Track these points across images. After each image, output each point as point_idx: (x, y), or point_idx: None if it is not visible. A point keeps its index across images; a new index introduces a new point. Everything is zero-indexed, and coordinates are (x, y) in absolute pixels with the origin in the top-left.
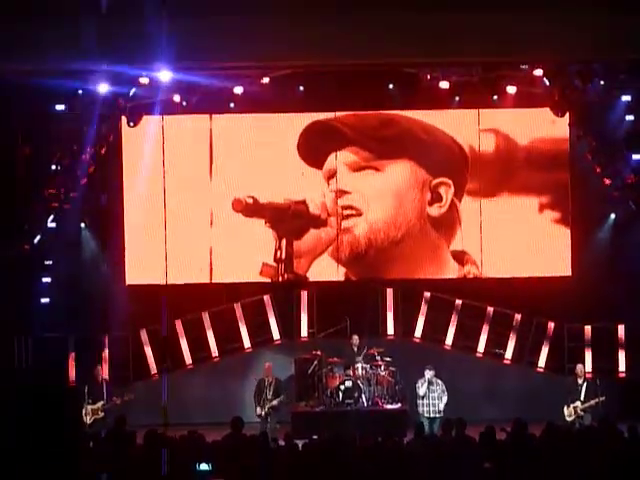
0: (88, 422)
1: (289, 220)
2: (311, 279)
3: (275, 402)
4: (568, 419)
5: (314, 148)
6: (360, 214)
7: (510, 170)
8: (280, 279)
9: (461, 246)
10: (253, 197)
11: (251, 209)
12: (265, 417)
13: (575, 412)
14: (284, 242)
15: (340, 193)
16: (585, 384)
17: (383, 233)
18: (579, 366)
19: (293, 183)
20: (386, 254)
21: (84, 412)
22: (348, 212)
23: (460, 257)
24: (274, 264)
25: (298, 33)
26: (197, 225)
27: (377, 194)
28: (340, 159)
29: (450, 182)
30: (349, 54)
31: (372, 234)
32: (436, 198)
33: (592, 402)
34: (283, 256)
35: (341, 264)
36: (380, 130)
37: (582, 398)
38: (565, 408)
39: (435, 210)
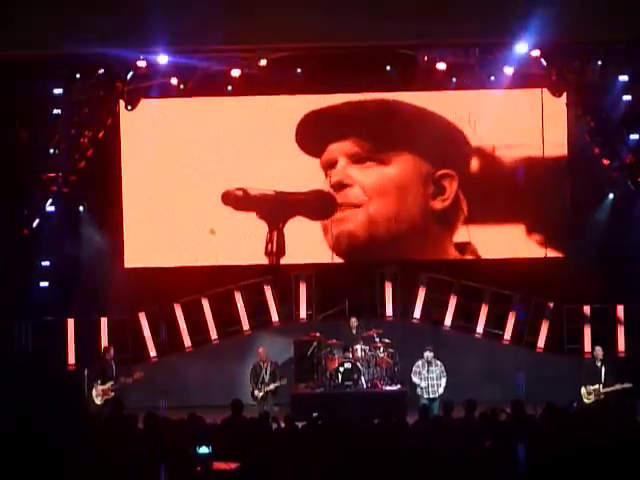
0: (99, 403)
1: (282, 212)
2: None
3: (272, 386)
4: (587, 401)
5: (313, 137)
6: (359, 207)
7: (506, 152)
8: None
9: (467, 238)
10: (243, 189)
11: (241, 202)
12: (262, 400)
13: (595, 394)
14: (275, 234)
15: (340, 186)
16: (604, 366)
17: (384, 228)
18: (597, 348)
19: (288, 171)
20: (384, 248)
21: (94, 393)
22: (347, 203)
23: (464, 248)
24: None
25: (296, 15)
26: (195, 207)
27: (379, 188)
28: (341, 149)
29: (454, 173)
30: (346, 36)
31: (372, 227)
32: (439, 191)
33: (617, 386)
34: (274, 249)
35: (339, 256)
36: (382, 120)
37: (603, 380)
38: (583, 389)
39: (439, 203)
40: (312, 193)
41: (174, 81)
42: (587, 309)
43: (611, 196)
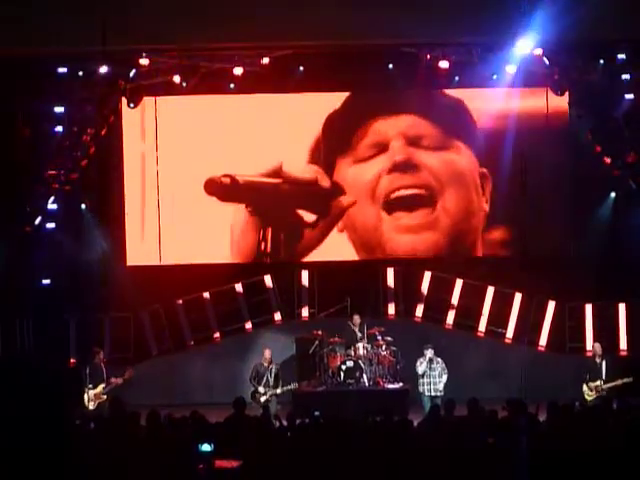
0: (92, 408)
1: (277, 203)
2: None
3: (279, 390)
4: (588, 397)
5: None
6: (433, 201)
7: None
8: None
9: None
10: (230, 176)
11: (228, 190)
12: (265, 402)
13: (597, 391)
14: (270, 231)
15: (405, 166)
16: (604, 362)
17: (465, 223)
18: (596, 344)
19: (293, 170)
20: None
21: (87, 398)
22: (410, 192)
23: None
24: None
25: (298, 13)
26: (198, 205)
27: (452, 175)
28: (393, 128)
29: (489, 174)
30: (349, 34)
31: (455, 226)
32: (483, 190)
33: (618, 382)
34: (268, 249)
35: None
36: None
37: (604, 377)
38: (584, 386)
39: (484, 204)
40: (311, 183)
41: (177, 79)
42: (589, 307)
43: (613, 195)
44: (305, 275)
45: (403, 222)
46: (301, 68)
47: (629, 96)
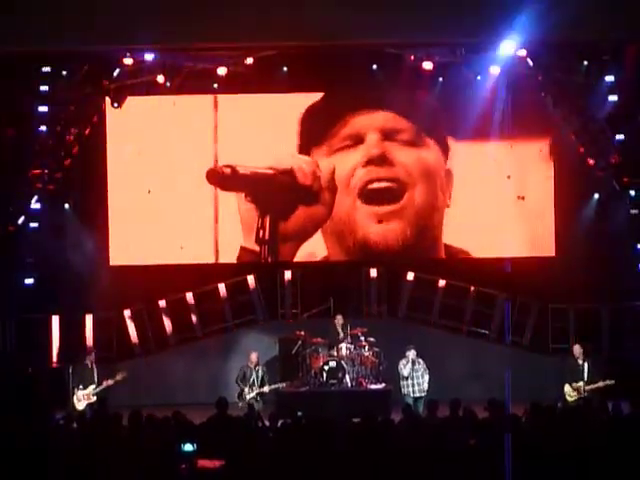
0: (81, 408)
1: (274, 193)
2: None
3: (266, 389)
4: (569, 398)
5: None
6: (402, 192)
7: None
8: (262, 262)
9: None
10: (231, 166)
11: (229, 180)
12: (251, 400)
13: (579, 392)
14: (268, 220)
15: (381, 160)
16: (586, 363)
17: (421, 219)
18: (576, 346)
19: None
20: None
21: (75, 399)
22: (383, 185)
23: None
24: (255, 248)
25: (282, 14)
26: (181, 205)
27: (423, 172)
28: (369, 123)
29: (452, 172)
30: (332, 35)
31: (417, 220)
32: (448, 186)
33: (600, 384)
34: (266, 237)
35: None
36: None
37: (585, 378)
38: (566, 387)
39: (448, 200)
40: (308, 175)
41: (160, 79)
42: (572, 309)
43: (596, 196)
44: (288, 275)
45: (374, 211)
46: (285, 68)
47: (612, 97)
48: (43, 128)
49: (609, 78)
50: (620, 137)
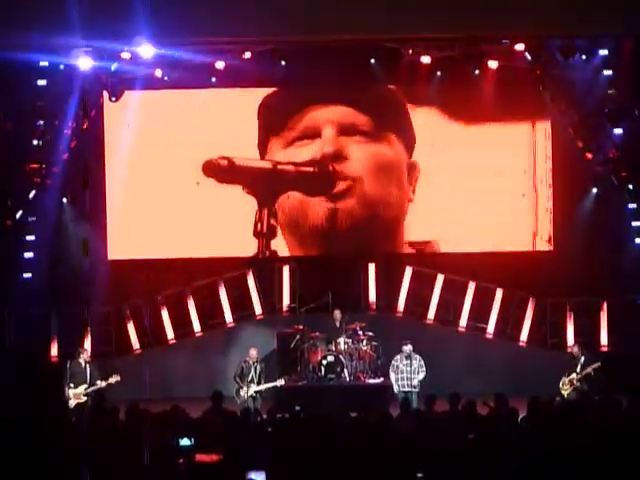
0: (71, 406)
1: (272, 185)
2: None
3: (264, 386)
4: (564, 392)
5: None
6: (354, 183)
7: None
8: (260, 256)
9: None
10: (228, 158)
11: (225, 173)
12: (249, 398)
13: (571, 384)
14: (266, 212)
15: (336, 157)
16: (583, 358)
17: (375, 209)
18: (575, 346)
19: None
20: (369, 233)
21: (67, 395)
22: (347, 183)
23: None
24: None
25: (280, 8)
26: (178, 200)
27: (376, 166)
28: (327, 117)
29: (418, 165)
30: (330, 29)
31: (367, 208)
32: (410, 180)
33: (589, 369)
34: (265, 229)
35: (323, 238)
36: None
37: (578, 370)
38: (561, 381)
39: (411, 194)
40: (308, 164)
41: (158, 73)
42: (571, 304)
43: (595, 190)
44: (286, 270)
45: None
46: (283, 63)
47: (611, 91)
48: (41, 122)
49: (607, 72)
50: (618, 131)
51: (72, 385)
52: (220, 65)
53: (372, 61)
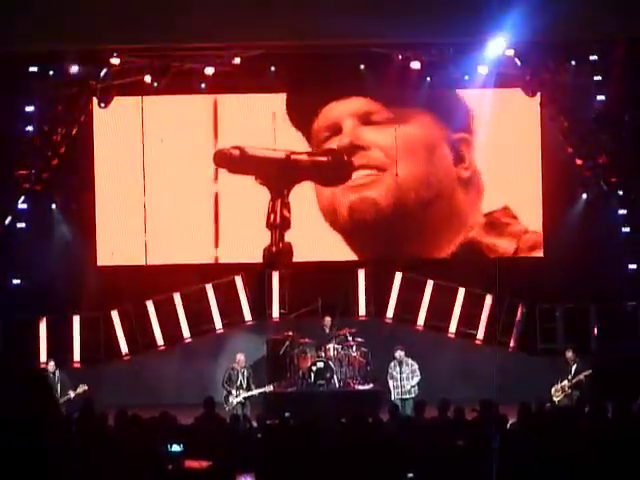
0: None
1: (285, 175)
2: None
3: (256, 392)
4: (556, 399)
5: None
6: (382, 172)
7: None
8: (274, 248)
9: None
10: (239, 148)
11: (237, 162)
12: (238, 404)
13: (562, 390)
14: (279, 203)
15: (352, 148)
16: (575, 365)
17: (414, 193)
18: (569, 352)
19: None
20: (411, 222)
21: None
22: (366, 172)
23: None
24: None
25: (269, 14)
26: (168, 206)
27: (403, 148)
28: (344, 110)
29: (470, 139)
30: (320, 35)
31: (400, 194)
32: (459, 158)
33: (580, 376)
34: (278, 220)
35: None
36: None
37: (570, 377)
38: (552, 388)
39: (462, 172)
40: (323, 153)
41: (148, 79)
42: (561, 309)
43: (585, 196)
44: (276, 276)
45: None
46: (272, 68)
47: (600, 97)
48: (30, 128)
49: (597, 78)
50: (608, 137)
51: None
52: (209, 71)
53: (362, 66)
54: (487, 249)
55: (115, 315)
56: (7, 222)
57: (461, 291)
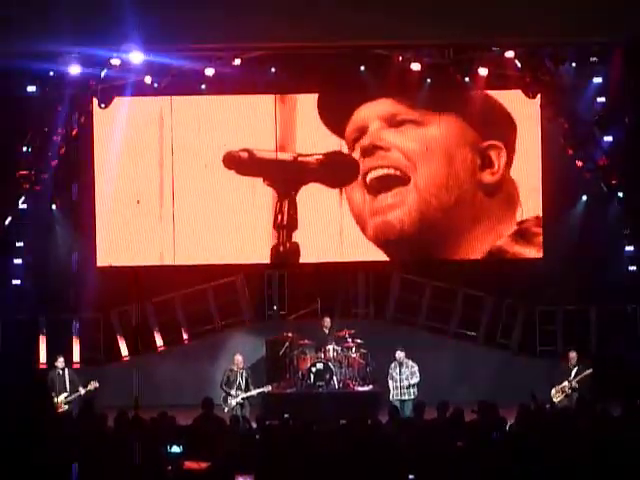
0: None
1: (293, 177)
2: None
3: (254, 392)
4: (556, 400)
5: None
6: (406, 178)
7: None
8: (281, 248)
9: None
10: (248, 150)
11: (246, 164)
12: (237, 405)
13: (563, 391)
14: (286, 204)
15: (373, 149)
16: (577, 367)
17: (435, 199)
18: (572, 354)
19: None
20: (436, 226)
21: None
22: (388, 172)
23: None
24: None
25: (269, 15)
26: (168, 207)
27: (423, 151)
28: (372, 112)
29: (502, 146)
30: (320, 36)
31: (423, 202)
32: (487, 163)
33: (581, 376)
34: (285, 221)
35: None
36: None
37: (571, 378)
38: (553, 389)
39: (487, 177)
40: (329, 155)
41: (148, 80)
42: (561, 311)
43: (585, 198)
44: (276, 276)
45: (379, 204)
46: (273, 69)
47: (601, 99)
48: (30, 128)
49: (597, 80)
50: (608, 139)
51: (53, 394)
52: (210, 72)
53: (362, 68)
54: (513, 257)
55: (114, 316)
56: (7, 222)
57: (461, 293)
